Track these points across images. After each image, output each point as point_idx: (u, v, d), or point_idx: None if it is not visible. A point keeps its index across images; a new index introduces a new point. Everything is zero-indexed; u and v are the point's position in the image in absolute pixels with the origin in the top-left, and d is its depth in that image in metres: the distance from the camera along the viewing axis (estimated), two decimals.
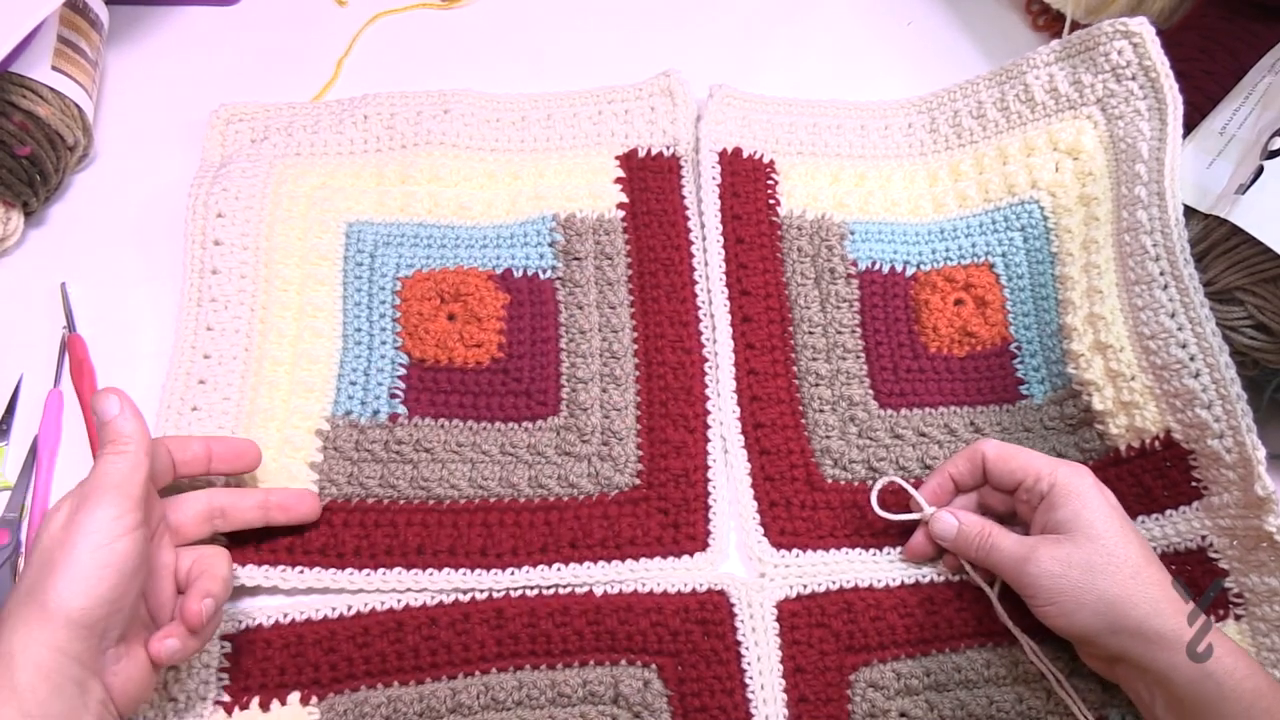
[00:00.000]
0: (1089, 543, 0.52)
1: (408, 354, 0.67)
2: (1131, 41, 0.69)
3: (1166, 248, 0.63)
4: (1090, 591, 0.51)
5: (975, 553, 0.57)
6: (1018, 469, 0.57)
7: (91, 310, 0.70)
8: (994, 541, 0.56)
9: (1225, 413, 0.58)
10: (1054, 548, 0.53)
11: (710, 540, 0.62)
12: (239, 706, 0.56)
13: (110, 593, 0.46)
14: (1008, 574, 0.55)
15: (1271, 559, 0.56)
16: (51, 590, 0.45)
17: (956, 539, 0.58)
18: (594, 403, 0.66)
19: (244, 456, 0.58)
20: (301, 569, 0.60)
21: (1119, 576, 0.51)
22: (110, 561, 0.46)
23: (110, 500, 0.47)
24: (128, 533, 0.47)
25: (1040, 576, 0.52)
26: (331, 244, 0.69)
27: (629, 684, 0.57)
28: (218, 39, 0.82)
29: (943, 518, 0.58)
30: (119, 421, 0.50)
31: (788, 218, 0.71)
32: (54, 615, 0.45)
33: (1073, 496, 0.54)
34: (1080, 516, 0.53)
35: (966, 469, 0.59)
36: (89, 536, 0.46)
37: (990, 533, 0.56)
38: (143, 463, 0.50)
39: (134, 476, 0.49)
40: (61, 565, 0.46)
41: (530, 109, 0.76)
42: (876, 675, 0.58)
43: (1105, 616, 0.51)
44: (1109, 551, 0.52)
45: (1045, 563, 0.53)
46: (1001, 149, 0.73)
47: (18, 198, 0.69)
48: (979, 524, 0.57)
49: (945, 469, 0.60)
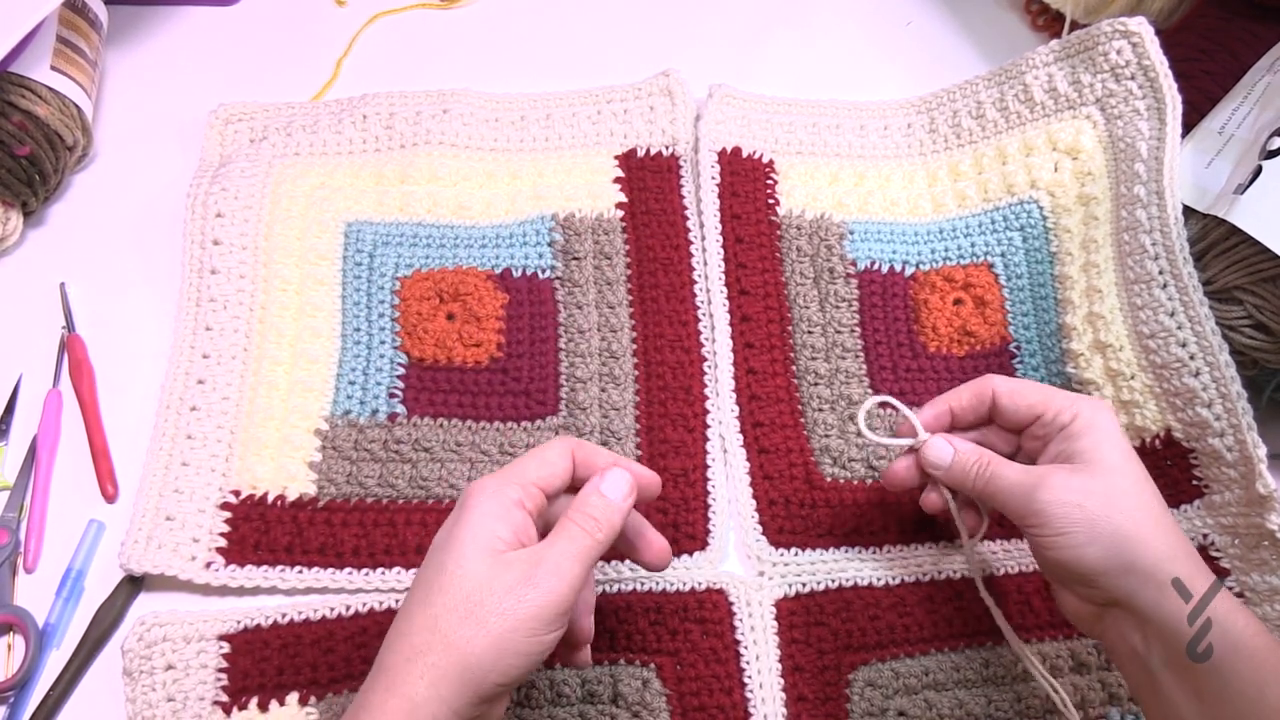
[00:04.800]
0: (1109, 475, 0.48)
1: (406, 353, 0.67)
2: (1130, 41, 0.69)
3: (1166, 247, 0.63)
4: (1108, 524, 0.47)
5: (974, 482, 0.52)
6: (1037, 402, 0.52)
7: (91, 310, 0.70)
8: (996, 469, 0.51)
9: (1226, 411, 0.58)
10: (1070, 476, 0.49)
11: (709, 539, 0.62)
12: (237, 707, 0.56)
13: (531, 671, 0.45)
14: (1013, 503, 0.50)
15: (1273, 557, 0.56)
16: (476, 657, 0.42)
17: (952, 467, 0.53)
18: (593, 402, 0.66)
19: (652, 486, 0.52)
20: (300, 569, 0.60)
21: (1139, 515, 0.47)
22: (543, 651, 0.45)
23: (565, 592, 0.44)
24: (564, 624, 0.45)
25: (1053, 504, 0.48)
26: (330, 244, 0.69)
27: (628, 683, 0.57)
28: (217, 39, 0.82)
29: (938, 443, 0.54)
30: (612, 508, 0.48)
31: (787, 217, 0.71)
32: (469, 683, 0.42)
33: (1096, 429, 0.50)
34: (1102, 448, 0.49)
35: (970, 403, 0.54)
36: (533, 622, 0.43)
37: (990, 460, 0.52)
38: (604, 547, 0.47)
39: (591, 559, 0.46)
40: (496, 636, 0.43)
41: (529, 109, 0.76)
42: (875, 674, 0.58)
43: (1119, 555, 0.46)
44: (1130, 489, 0.48)
45: (1060, 490, 0.48)
46: (1001, 149, 0.73)
47: (17, 198, 0.69)
48: (977, 451, 0.53)
49: (946, 400, 0.55)
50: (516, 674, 0.44)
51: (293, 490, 0.62)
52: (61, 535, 0.62)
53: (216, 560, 0.60)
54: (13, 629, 0.59)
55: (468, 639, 0.43)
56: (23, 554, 0.61)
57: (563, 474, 0.49)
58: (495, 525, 0.45)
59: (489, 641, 0.43)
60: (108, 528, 0.62)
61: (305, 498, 0.62)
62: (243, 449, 0.62)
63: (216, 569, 0.59)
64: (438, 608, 0.44)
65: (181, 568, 0.59)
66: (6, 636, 0.59)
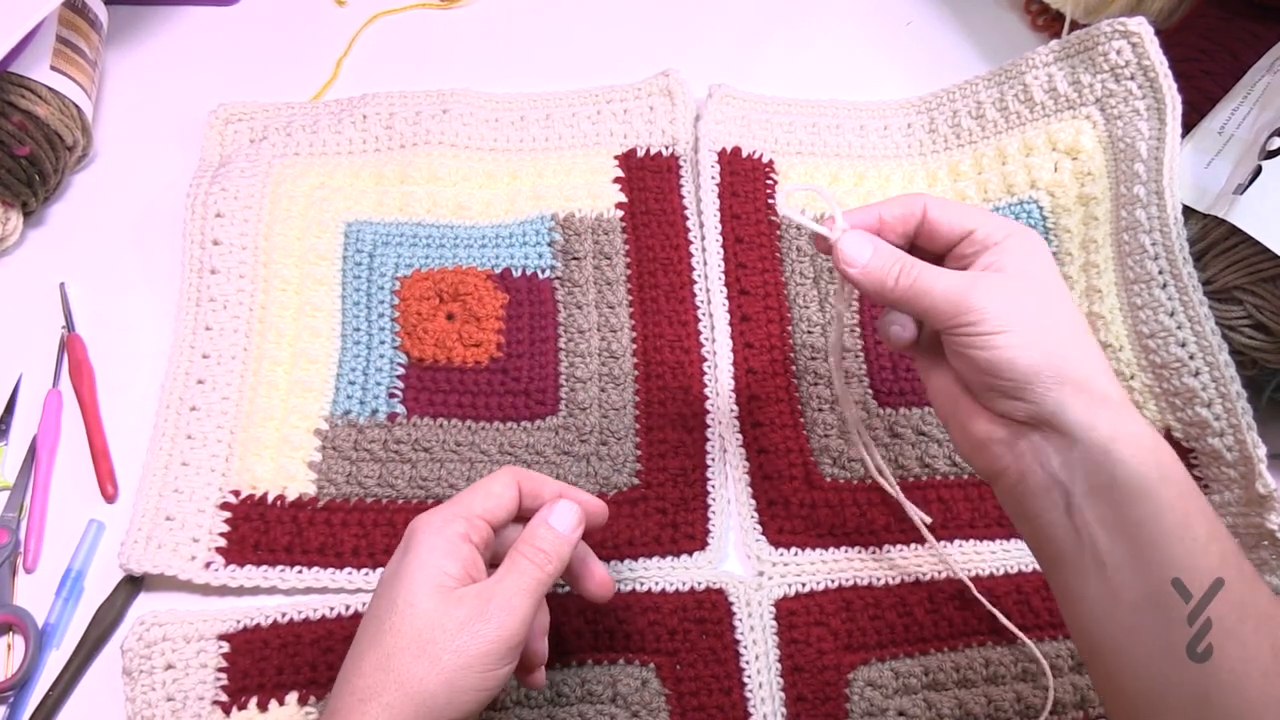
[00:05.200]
0: (1042, 288, 0.45)
1: (406, 353, 0.67)
2: (1130, 41, 0.69)
3: (1165, 246, 0.63)
4: (1044, 331, 0.43)
5: (894, 285, 0.46)
6: (967, 217, 0.47)
7: (90, 310, 0.70)
8: (923, 270, 0.45)
9: (1225, 411, 0.58)
10: (1005, 281, 0.45)
11: (709, 539, 0.62)
12: (237, 706, 0.56)
13: (486, 705, 0.45)
14: (941, 304, 0.45)
15: (1273, 557, 0.56)
16: (430, 695, 0.43)
17: (869, 265, 0.46)
18: (592, 402, 0.66)
19: (599, 515, 0.53)
20: (300, 569, 0.60)
21: (1070, 329, 0.44)
22: (498, 685, 0.45)
23: (516, 627, 0.45)
24: (518, 656, 0.46)
25: (991, 304, 0.43)
26: (330, 244, 0.69)
27: (627, 683, 0.57)
28: (217, 39, 0.82)
29: (856, 238, 0.47)
30: (561, 540, 0.48)
31: (787, 217, 0.71)
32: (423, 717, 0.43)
33: (1028, 247, 0.46)
34: (1029, 261, 0.45)
35: (900, 213, 0.48)
36: (486, 658, 0.44)
37: (915, 261, 0.46)
38: (554, 578, 0.48)
39: (541, 592, 0.47)
40: (449, 673, 0.43)
41: (529, 109, 0.76)
42: (875, 674, 0.58)
43: (1054, 360, 0.43)
44: (1060, 300, 0.45)
45: (995, 290, 0.44)
46: (1000, 149, 0.73)
47: (17, 198, 0.69)
48: (898, 252, 0.47)
49: (875, 206, 0.49)
50: (471, 709, 0.44)
51: (292, 490, 0.62)
52: (61, 535, 0.62)
53: (216, 560, 0.60)
54: (13, 629, 0.59)
55: (420, 677, 0.43)
56: (23, 554, 0.61)
57: (508, 505, 0.50)
58: (443, 561, 0.46)
59: (442, 679, 0.43)
60: (108, 528, 0.62)
61: (305, 498, 0.62)
62: (242, 449, 0.62)
63: (216, 569, 0.59)
64: (389, 647, 0.44)
65: (181, 567, 0.59)
66: (6, 636, 0.59)
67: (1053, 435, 0.43)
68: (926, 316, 0.46)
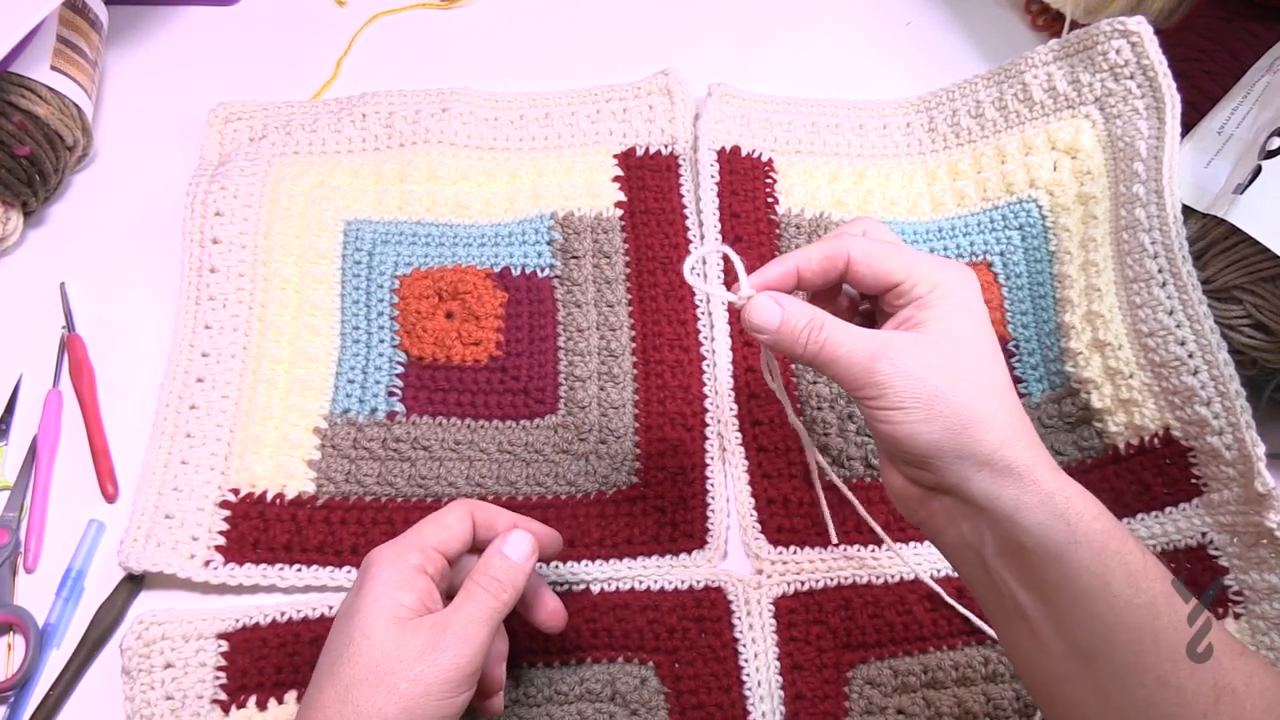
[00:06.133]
0: (956, 351, 0.44)
1: (406, 352, 0.67)
2: (1130, 41, 0.69)
3: (1165, 245, 0.63)
4: (948, 403, 0.42)
5: (804, 349, 0.45)
6: (896, 268, 0.45)
7: (91, 310, 0.70)
8: (831, 334, 0.44)
9: (1224, 409, 0.58)
10: (914, 348, 0.43)
11: (708, 538, 0.62)
12: (236, 705, 0.56)
13: None
14: (848, 373, 0.44)
15: (1272, 555, 0.56)
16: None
17: (780, 331, 0.45)
18: (592, 401, 0.66)
19: (553, 544, 0.54)
20: (299, 567, 0.60)
21: (981, 394, 0.43)
22: (456, 713, 0.46)
23: (472, 655, 0.46)
24: (475, 684, 0.47)
25: (894, 376, 0.42)
26: (330, 242, 0.70)
27: (626, 681, 0.57)
28: (217, 39, 0.82)
29: (763, 303, 0.45)
30: (515, 569, 0.49)
31: (786, 216, 0.71)
32: None
33: (952, 299, 0.45)
34: (953, 321, 0.44)
35: (820, 265, 0.46)
36: (443, 687, 0.45)
37: (824, 323, 0.44)
38: (508, 607, 0.49)
39: (496, 620, 0.48)
40: (407, 702, 0.44)
41: (528, 108, 0.76)
42: (874, 672, 0.58)
43: (957, 437, 0.42)
44: (975, 365, 0.44)
45: (902, 362, 0.43)
46: (1000, 148, 0.73)
47: (17, 198, 0.69)
48: (809, 313, 0.45)
49: (792, 259, 0.47)
50: None
51: (292, 489, 0.62)
52: (61, 535, 0.62)
53: (215, 558, 0.60)
54: (13, 629, 0.59)
55: (379, 708, 0.43)
56: (23, 554, 0.61)
57: (462, 537, 0.51)
58: (398, 593, 0.47)
59: (400, 708, 0.43)
60: (108, 527, 0.62)
61: (304, 496, 0.62)
62: (242, 447, 0.62)
63: (215, 567, 0.59)
64: (347, 679, 0.44)
65: (180, 566, 0.59)
66: (6, 636, 0.59)
67: (959, 502, 0.44)
68: (838, 382, 0.45)
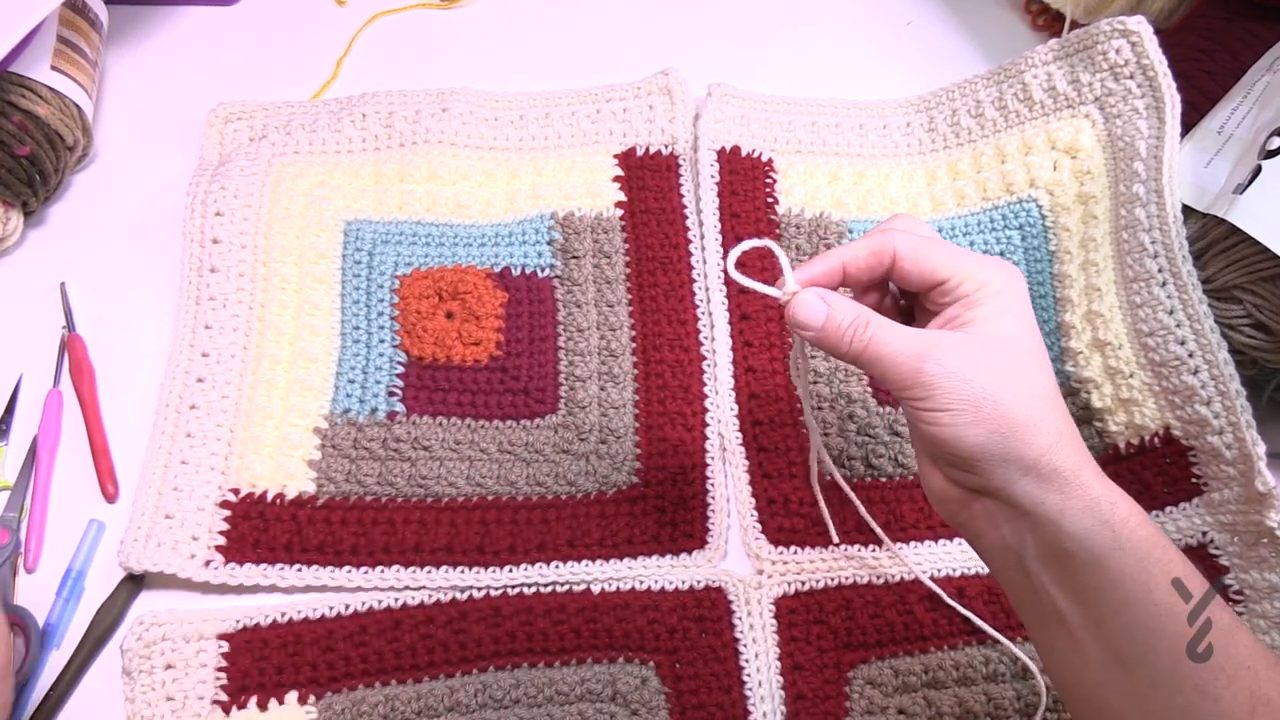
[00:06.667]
0: (1003, 351, 0.43)
1: (406, 352, 0.67)
2: (1129, 40, 0.69)
3: (1165, 245, 0.63)
4: (995, 406, 0.42)
5: (849, 347, 0.44)
6: (941, 265, 0.45)
7: (91, 310, 0.70)
8: (877, 333, 0.44)
9: (1225, 409, 0.58)
10: (961, 348, 0.43)
11: (708, 538, 0.62)
12: (236, 706, 0.56)
13: None
14: (894, 372, 0.43)
15: (1272, 555, 0.56)
16: None
17: (825, 329, 0.45)
18: (592, 401, 0.66)
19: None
20: (299, 567, 0.60)
21: (1028, 397, 0.42)
22: None
23: None
24: None
25: (942, 377, 0.42)
26: (330, 242, 0.69)
27: (626, 681, 0.57)
28: (218, 39, 0.82)
29: (808, 299, 0.45)
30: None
31: (786, 216, 0.71)
32: None
33: (999, 299, 0.44)
34: (1000, 318, 0.44)
35: (867, 262, 0.46)
36: None
37: (870, 321, 0.44)
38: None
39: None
40: None
41: (529, 108, 0.76)
42: (874, 672, 0.58)
43: (1003, 440, 0.42)
44: (1022, 367, 0.43)
45: (950, 362, 0.42)
46: (1000, 148, 0.73)
47: (17, 198, 0.69)
48: (854, 310, 0.45)
49: (838, 255, 0.46)
50: None
51: (292, 488, 0.62)
52: (62, 535, 0.62)
53: (216, 558, 0.60)
54: (13, 629, 0.59)
55: None
56: (23, 554, 0.61)
57: None
58: None
59: None
60: (108, 527, 0.62)
61: (304, 496, 0.62)
62: (242, 447, 0.62)
63: (215, 567, 0.59)
64: None
65: (180, 566, 0.59)
66: None
67: (1002, 505, 0.43)
68: (882, 381, 0.45)
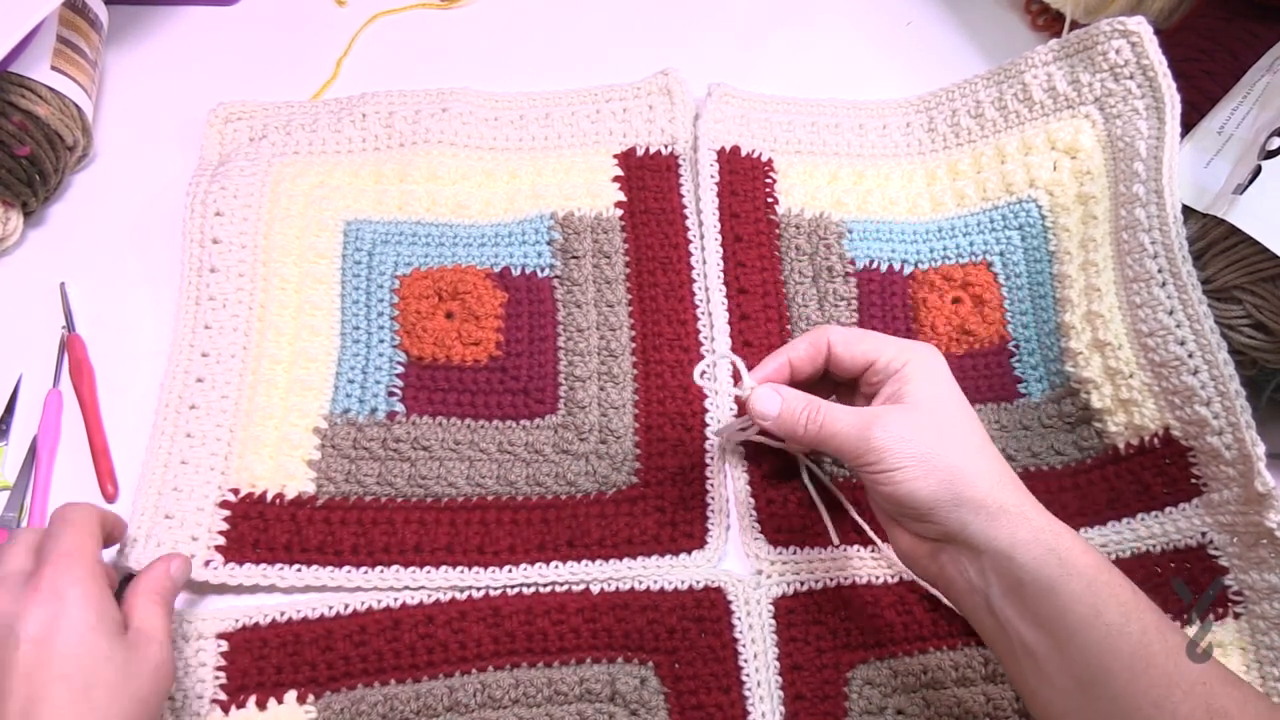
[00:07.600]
0: (937, 413, 0.50)
1: (406, 352, 0.67)
2: (1129, 41, 0.69)
3: (1165, 245, 0.63)
4: (939, 458, 0.48)
5: (805, 429, 0.52)
6: (870, 349, 0.53)
7: (91, 310, 0.70)
8: (828, 414, 0.51)
9: (1224, 409, 0.58)
10: (901, 415, 0.50)
11: (708, 538, 0.62)
12: (235, 705, 0.56)
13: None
14: (847, 445, 0.50)
15: (1271, 555, 0.56)
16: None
17: (781, 416, 0.53)
18: (592, 401, 0.66)
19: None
20: (299, 567, 0.60)
21: (966, 447, 0.49)
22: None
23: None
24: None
25: (889, 440, 0.49)
26: (329, 242, 0.69)
27: (626, 681, 0.57)
28: (217, 39, 0.82)
29: (764, 393, 0.54)
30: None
31: (786, 216, 0.71)
32: None
33: (926, 372, 0.52)
34: (930, 389, 0.51)
35: (807, 354, 0.55)
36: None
37: (820, 406, 0.52)
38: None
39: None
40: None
41: (528, 108, 0.76)
42: (873, 672, 0.58)
43: (952, 486, 0.48)
44: (956, 425, 0.50)
45: (894, 428, 0.49)
46: (999, 148, 0.73)
47: (17, 198, 0.69)
48: (805, 398, 0.53)
49: (784, 352, 0.55)
50: None
51: (291, 489, 0.62)
52: None
53: (215, 558, 0.60)
54: None
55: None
56: None
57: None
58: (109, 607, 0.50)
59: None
60: None
61: (304, 496, 0.62)
62: (242, 447, 0.62)
63: (215, 567, 0.59)
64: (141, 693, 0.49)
65: None
66: None
67: (963, 548, 0.48)
68: (836, 455, 0.52)
